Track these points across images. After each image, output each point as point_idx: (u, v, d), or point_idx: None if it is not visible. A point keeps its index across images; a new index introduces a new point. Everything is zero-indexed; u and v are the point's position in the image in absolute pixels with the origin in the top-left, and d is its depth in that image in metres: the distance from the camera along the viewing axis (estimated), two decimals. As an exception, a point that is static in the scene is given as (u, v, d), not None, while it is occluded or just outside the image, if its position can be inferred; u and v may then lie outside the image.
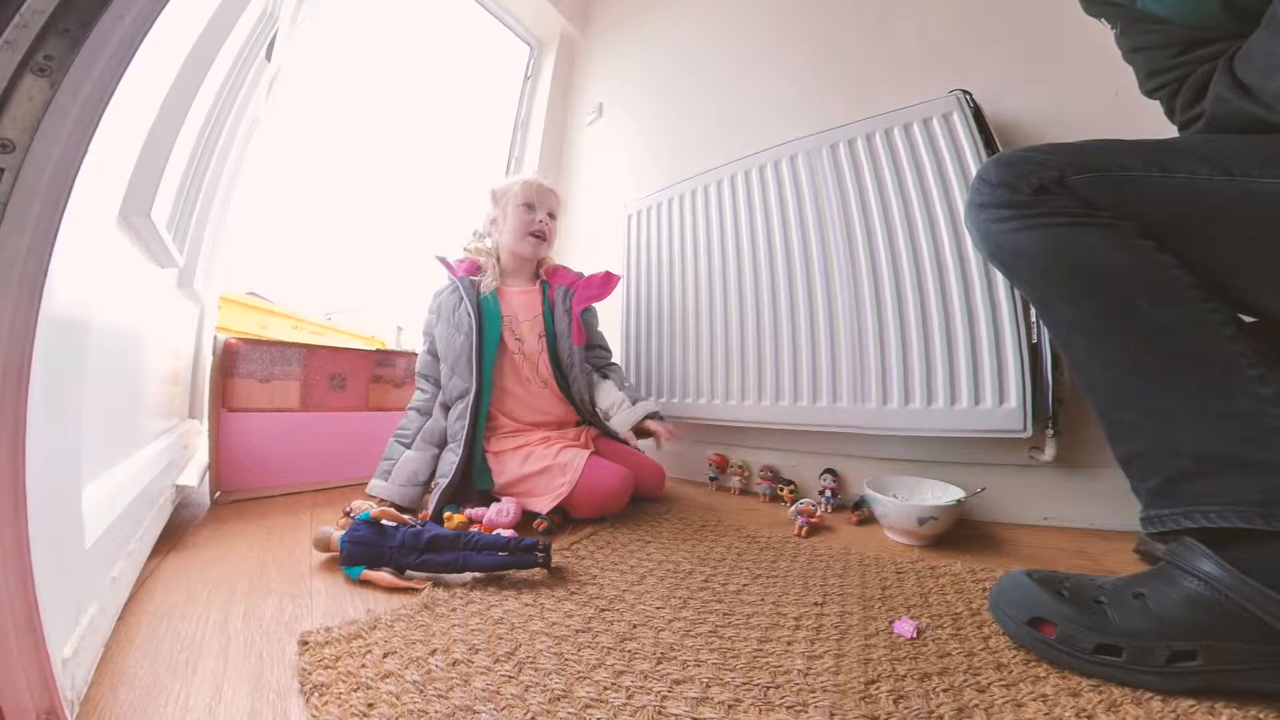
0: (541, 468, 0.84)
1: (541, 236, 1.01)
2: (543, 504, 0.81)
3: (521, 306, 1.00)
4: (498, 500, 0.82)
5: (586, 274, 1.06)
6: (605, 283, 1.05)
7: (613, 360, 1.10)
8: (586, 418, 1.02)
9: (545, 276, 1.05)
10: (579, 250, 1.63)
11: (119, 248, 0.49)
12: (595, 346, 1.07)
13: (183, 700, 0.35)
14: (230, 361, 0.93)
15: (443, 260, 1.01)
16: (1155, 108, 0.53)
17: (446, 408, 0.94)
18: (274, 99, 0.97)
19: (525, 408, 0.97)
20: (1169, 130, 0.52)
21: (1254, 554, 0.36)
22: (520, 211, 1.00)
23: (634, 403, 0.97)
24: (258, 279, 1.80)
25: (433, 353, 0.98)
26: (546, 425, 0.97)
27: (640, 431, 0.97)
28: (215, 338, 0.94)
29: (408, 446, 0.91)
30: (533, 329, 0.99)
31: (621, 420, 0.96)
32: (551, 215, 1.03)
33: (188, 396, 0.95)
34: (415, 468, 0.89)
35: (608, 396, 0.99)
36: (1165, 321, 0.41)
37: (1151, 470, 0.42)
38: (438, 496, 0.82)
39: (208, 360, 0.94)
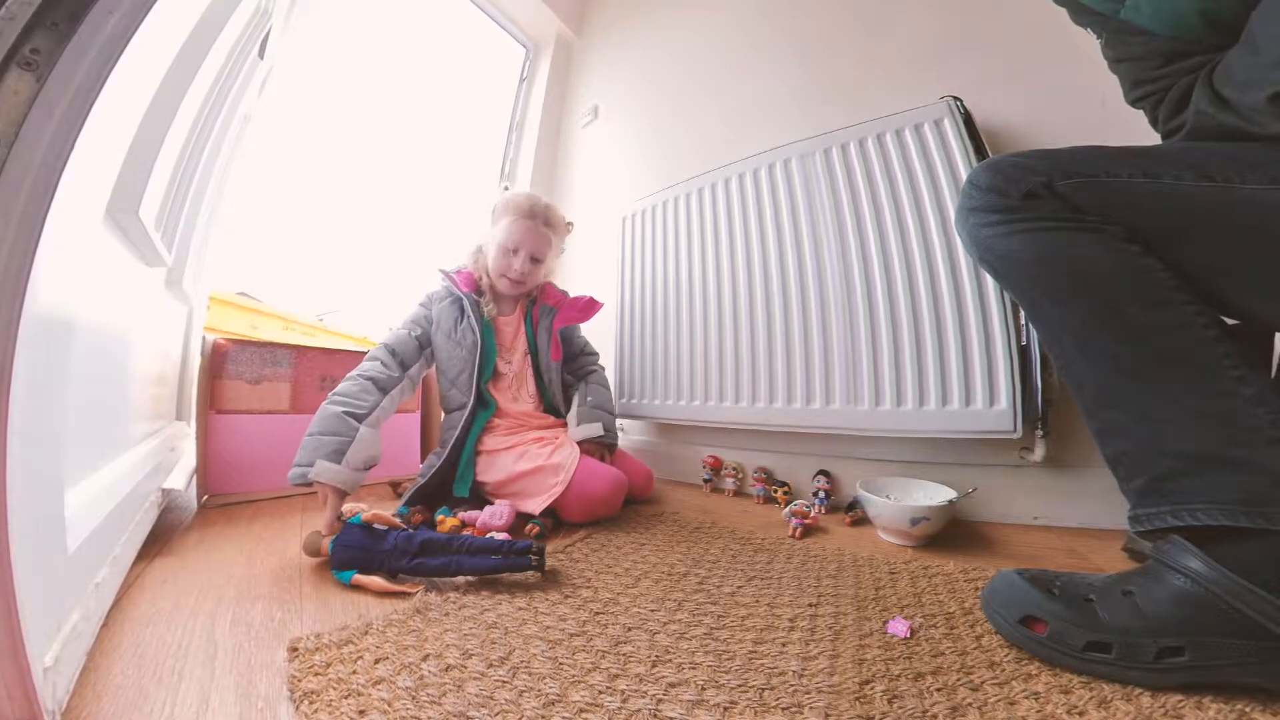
0: (534, 467, 0.84)
1: (519, 282, 0.99)
2: (535, 505, 0.81)
3: (509, 335, 1.02)
4: (490, 503, 0.82)
5: (572, 294, 1.08)
6: (588, 307, 1.07)
7: (598, 366, 1.14)
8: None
9: (534, 294, 1.06)
10: (573, 254, 1.63)
11: (105, 246, 0.48)
12: (578, 355, 1.12)
13: (169, 709, 0.34)
14: (219, 362, 0.91)
15: (445, 273, 1.02)
16: (1141, 116, 0.54)
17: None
18: (266, 97, 0.96)
19: (513, 419, 0.99)
20: (1155, 138, 0.53)
21: (1240, 551, 0.37)
22: (501, 251, 0.97)
23: (579, 423, 0.99)
24: (248, 279, 1.77)
25: (422, 342, 0.93)
26: (537, 428, 0.99)
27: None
28: (204, 338, 0.92)
29: (361, 421, 0.76)
30: (519, 350, 1.02)
31: (572, 434, 0.97)
32: (536, 259, 0.98)
33: (175, 398, 0.94)
34: (372, 450, 0.75)
35: (572, 411, 1.04)
36: (1151, 323, 0.41)
37: (1139, 470, 0.43)
38: (411, 493, 0.85)
39: (196, 361, 0.92)
